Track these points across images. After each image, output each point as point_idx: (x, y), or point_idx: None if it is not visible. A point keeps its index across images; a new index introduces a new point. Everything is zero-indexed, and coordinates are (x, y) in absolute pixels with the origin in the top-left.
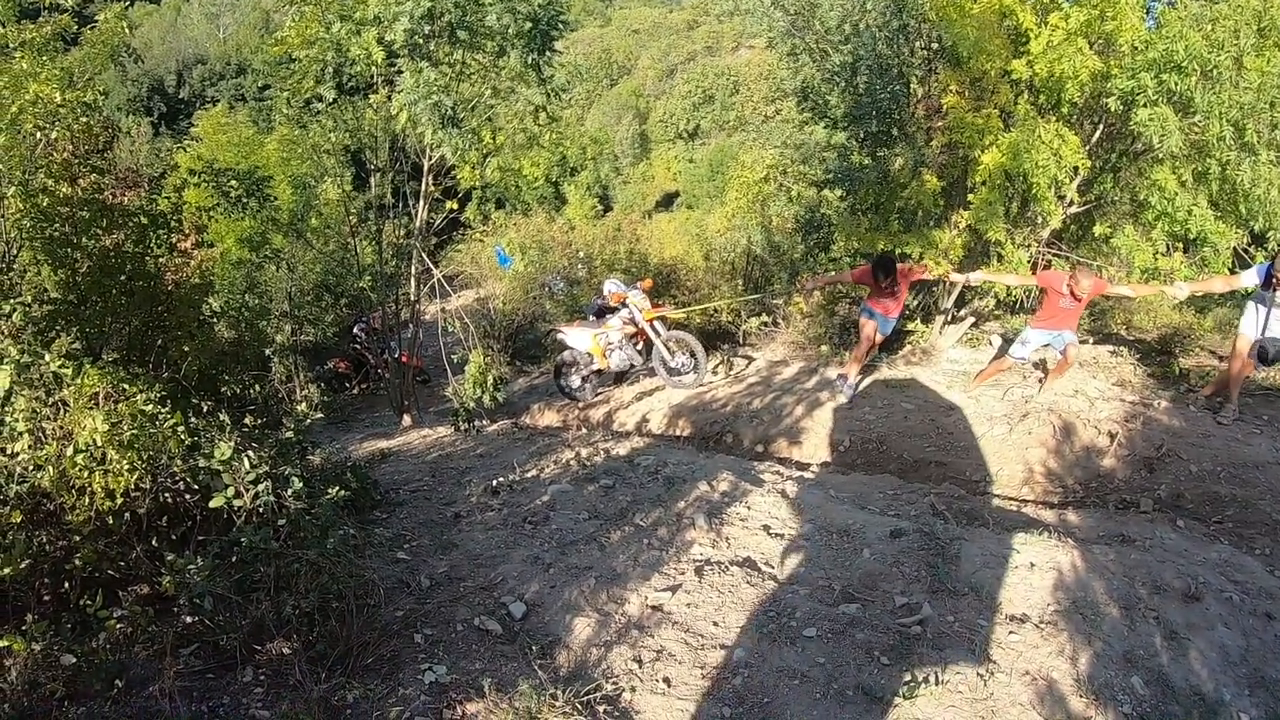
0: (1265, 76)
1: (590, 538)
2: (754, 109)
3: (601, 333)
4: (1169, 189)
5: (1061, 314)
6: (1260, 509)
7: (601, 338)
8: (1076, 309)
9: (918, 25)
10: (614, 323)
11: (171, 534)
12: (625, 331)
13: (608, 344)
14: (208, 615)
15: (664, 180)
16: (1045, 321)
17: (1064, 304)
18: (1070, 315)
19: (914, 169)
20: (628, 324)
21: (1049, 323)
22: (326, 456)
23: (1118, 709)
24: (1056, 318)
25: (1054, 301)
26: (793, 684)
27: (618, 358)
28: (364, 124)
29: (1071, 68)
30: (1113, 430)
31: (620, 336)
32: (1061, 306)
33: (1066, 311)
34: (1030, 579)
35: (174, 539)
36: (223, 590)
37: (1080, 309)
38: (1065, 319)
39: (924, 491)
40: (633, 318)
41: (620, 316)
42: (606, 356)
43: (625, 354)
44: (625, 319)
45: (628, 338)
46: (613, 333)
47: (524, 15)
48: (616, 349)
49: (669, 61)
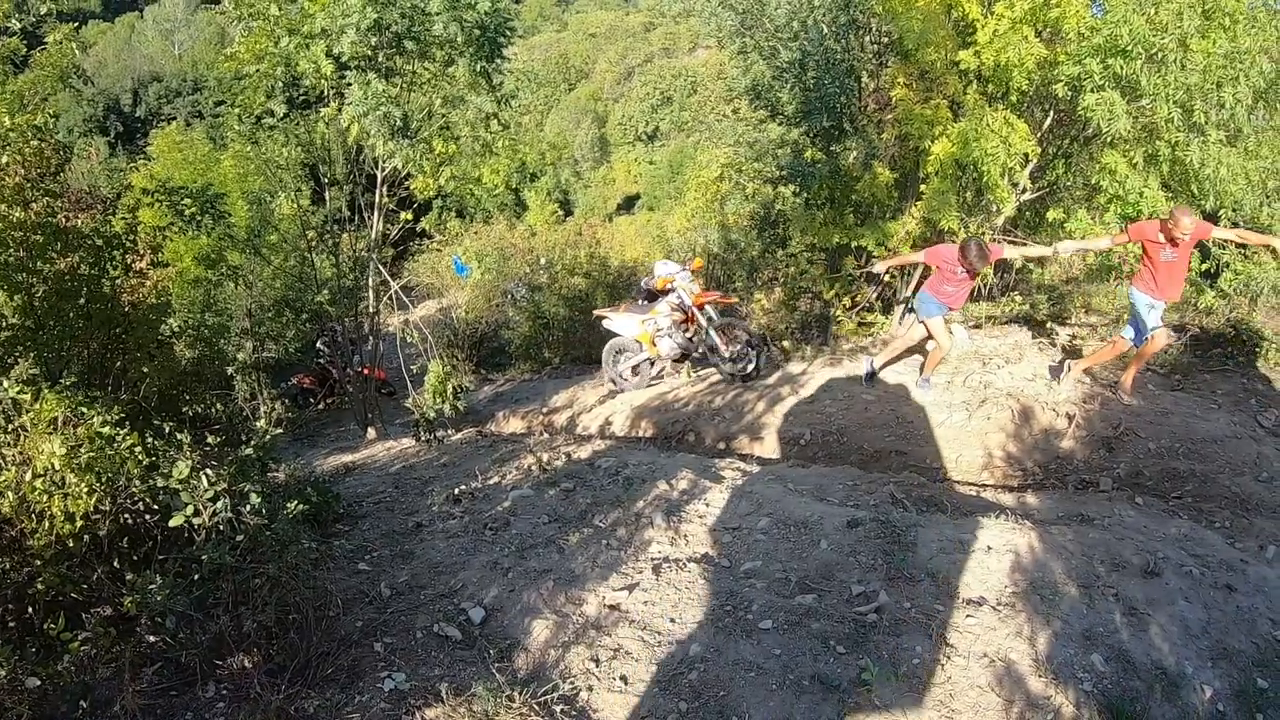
0: (1210, 58)
1: (550, 541)
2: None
3: (649, 319)
4: (1120, 172)
5: (1167, 270)
6: (1219, 483)
7: (649, 324)
8: (1182, 261)
9: (866, 20)
10: (662, 308)
11: (133, 554)
12: (674, 317)
13: (656, 330)
14: (169, 634)
15: (624, 183)
16: (1154, 282)
17: (1166, 256)
18: (1178, 270)
19: (865, 162)
20: (676, 309)
21: (1161, 283)
22: (291, 472)
23: (1078, 687)
24: (1162, 275)
25: (1155, 257)
26: (749, 676)
27: (667, 345)
28: (316, 138)
29: (1018, 56)
30: (1071, 412)
31: (669, 323)
32: (1164, 260)
33: (1172, 266)
34: (987, 562)
35: (135, 559)
36: (183, 608)
37: (1187, 259)
38: (1174, 275)
39: (884, 481)
40: (681, 302)
41: (668, 301)
42: (655, 344)
43: (675, 341)
44: (674, 304)
45: (677, 324)
46: (661, 319)
47: (471, 24)
48: (665, 336)
49: (626, 64)
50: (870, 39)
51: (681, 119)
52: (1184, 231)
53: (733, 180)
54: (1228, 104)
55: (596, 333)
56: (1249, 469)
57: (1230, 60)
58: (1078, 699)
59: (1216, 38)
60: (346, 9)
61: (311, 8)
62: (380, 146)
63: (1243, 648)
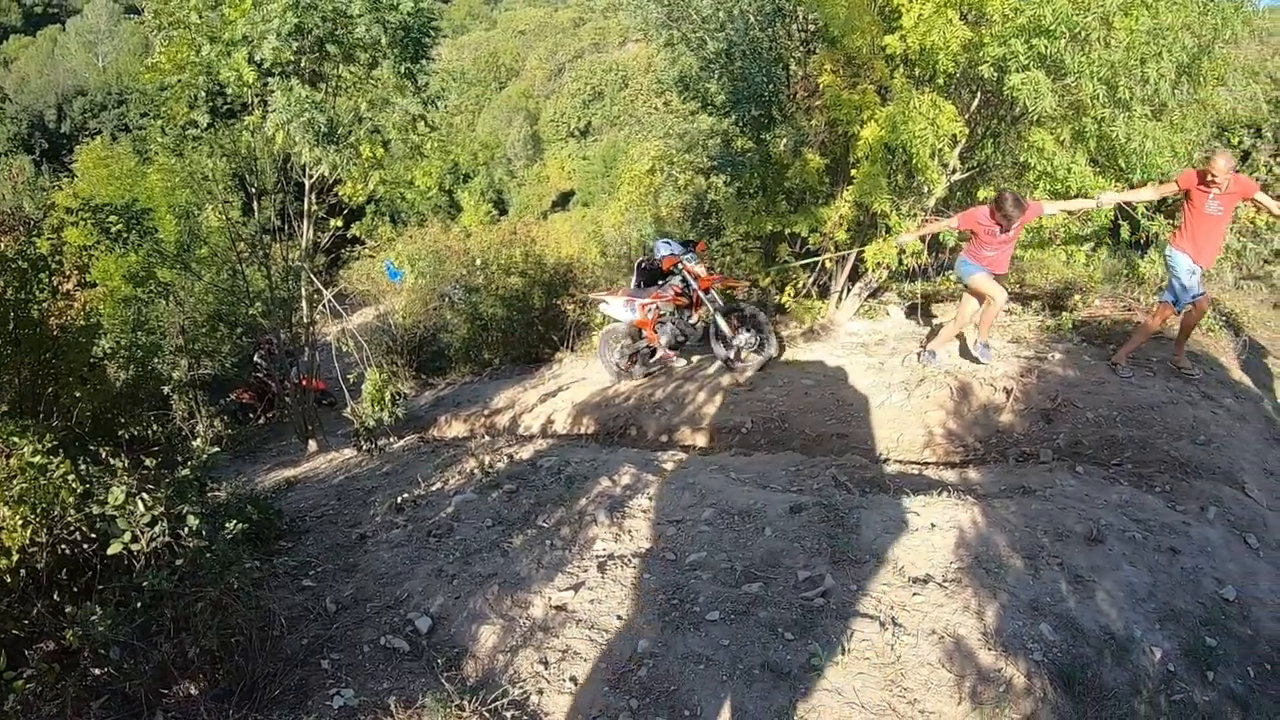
0: (1133, 35)
1: (494, 544)
2: (644, 102)
3: (650, 303)
4: (1048, 149)
5: (1210, 225)
6: (1158, 448)
7: (650, 309)
8: (1226, 217)
9: (793, 8)
10: (665, 291)
11: (73, 586)
12: (678, 302)
13: (657, 316)
14: (114, 665)
15: (559, 180)
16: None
17: (1211, 208)
18: (1220, 227)
19: (795, 149)
20: (680, 294)
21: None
22: (232, 490)
23: (1028, 657)
24: (1204, 230)
25: (1199, 208)
26: (698, 669)
27: (669, 331)
28: (242, 147)
29: (942, 39)
30: (1009, 386)
31: (672, 308)
32: (1208, 213)
33: (1215, 221)
34: (931, 539)
35: (76, 590)
36: (126, 638)
37: (1230, 215)
38: (1215, 231)
39: (826, 465)
40: (686, 286)
41: (671, 284)
42: (656, 330)
43: (677, 328)
44: (677, 287)
45: (680, 309)
46: (663, 303)
47: (394, 25)
48: (668, 321)
49: (557, 60)
50: (797, 27)
51: (613, 114)
52: (1217, 171)
53: (665, 173)
54: (1151, 79)
55: (535, 331)
56: (1187, 433)
57: (1153, 37)
58: (1028, 669)
59: (1139, 15)
60: (267, 14)
61: (232, 14)
62: (306, 153)
63: (1189, 608)
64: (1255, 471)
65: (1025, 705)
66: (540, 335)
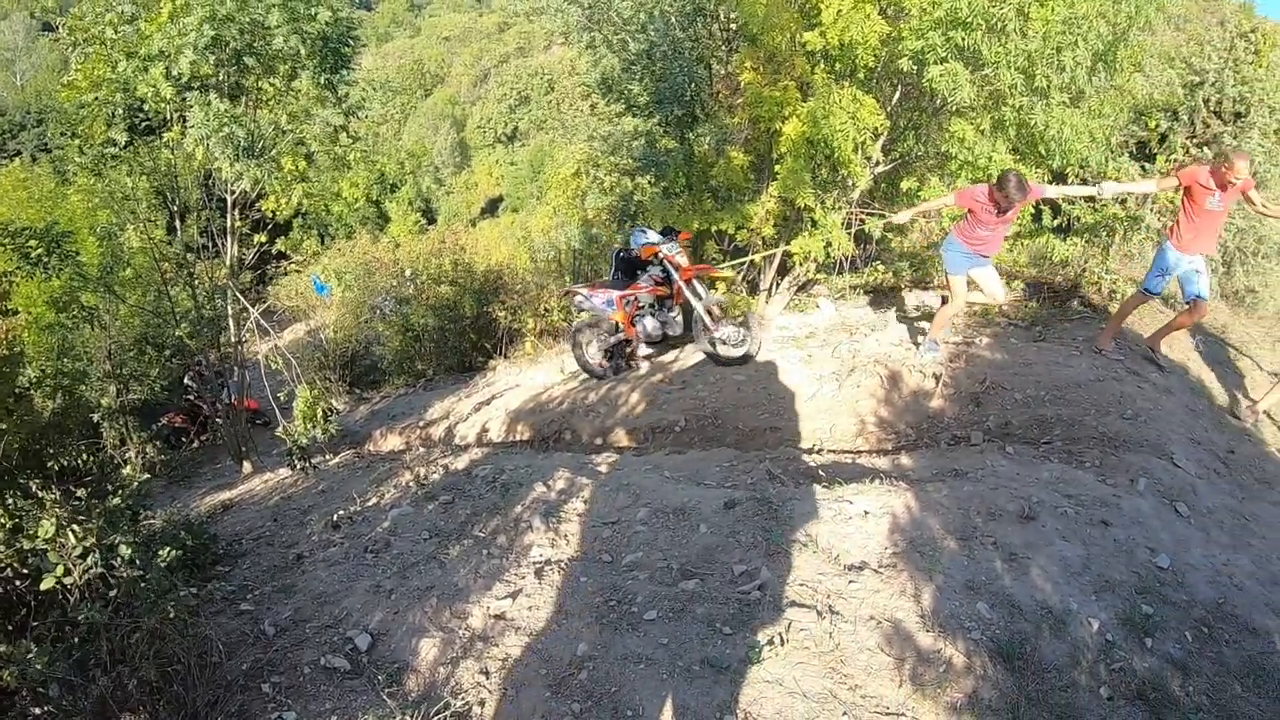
0: (1049, 25)
1: (431, 557)
2: (571, 105)
3: (628, 295)
4: (968, 139)
5: (1209, 220)
6: (1086, 424)
7: (629, 301)
8: (1224, 212)
9: (714, 7)
10: (644, 282)
11: (7, 624)
12: (658, 293)
13: (636, 308)
14: (53, 703)
15: (487, 186)
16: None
17: (1211, 204)
18: (1217, 222)
19: (719, 147)
20: (661, 284)
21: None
22: (167, 517)
23: (967, 636)
24: (1202, 225)
25: (1199, 203)
26: (638, 669)
27: (649, 324)
28: (162, 165)
29: (861, 34)
30: (938, 372)
31: (652, 299)
32: (1208, 208)
33: (1214, 217)
34: (865, 527)
35: (10, 628)
36: (63, 674)
37: (1227, 210)
38: (1213, 226)
39: (759, 459)
40: (667, 275)
41: (651, 274)
42: (634, 323)
43: (658, 320)
44: (658, 277)
45: (661, 300)
46: (642, 294)
47: (313, 35)
48: (647, 314)
49: (482, 66)
50: (719, 26)
51: (540, 118)
52: (1238, 175)
53: (590, 176)
54: (1068, 67)
55: (468, 339)
56: (1114, 408)
57: (1068, 26)
58: (967, 648)
59: (1055, 5)
60: (183, 28)
61: (149, 29)
62: (227, 169)
63: (1124, 578)
64: (1183, 441)
65: (966, 684)
66: (473, 343)
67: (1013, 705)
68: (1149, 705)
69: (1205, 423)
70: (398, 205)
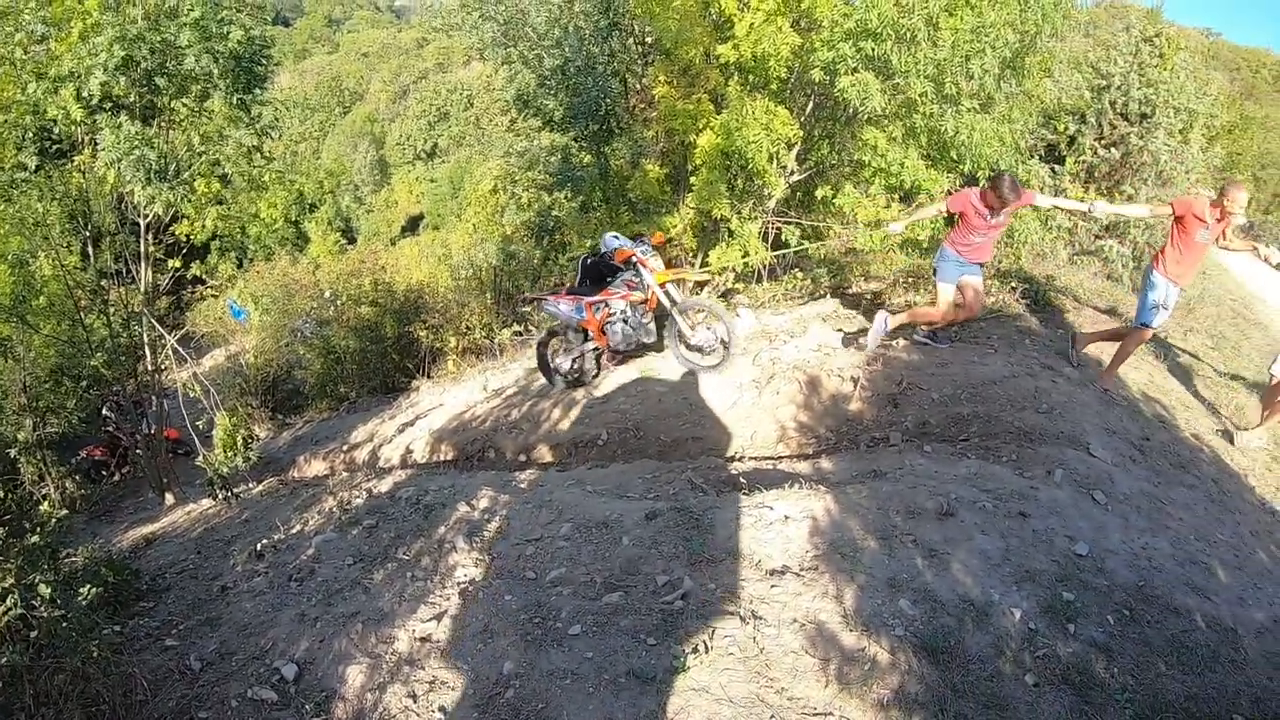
0: (958, 34)
1: (355, 582)
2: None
3: (599, 301)
4: (880, 147)
5: (1197, 251)
6: (1002, 420)
7: (599, 308)
8: (1210, 243)
9: (628, 22)
10: (616, 288)
11: None
12: (631, 299)
13: (607, 315)
14: None
15: (407, 204)
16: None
17: (1202, 236)
18: (1203, 254)
19: (634, 161)
20: (634, 289)
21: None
22: (90, 553)
23: (890, 633)
24: (1190, 256)
25: (1191, 234)
26: (564, 684)
27: (620, 332)
28: (74, 189)
29: (774, 46)
30: (855, 375)
31: (624, 305)
32: (1198, 240)
33: (1202, 248)
34: (786, 531)
35: None
36: None
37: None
38: (1199, 257)
39: (681, 469)
40: (641, 280)
41: (624, 280)
42: (605, 332)
43: (630, 328)
44: (630, 282)
45: (634, 306)
46: (614, 300)
47: (225, 55)
48: (619, 321)
49: (401, 82)
50: (634, 40)
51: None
52: (1239, 205)
53: (508, 192)
54: (976, 75)
55: (390, 360)
56: (1029, 403)
57: (977, 34)
58: (891, 645)
59: (964, 14)
60: (94, 48)
61: (59, 48)
62: (139, 192)
63: (1044, 567)
64: (1098, 431)
65: (892, 680)
66: (395, 364)
67: (939, 698)
68: (1075, 689)
69: (1120, 412)
70: (317, 225)
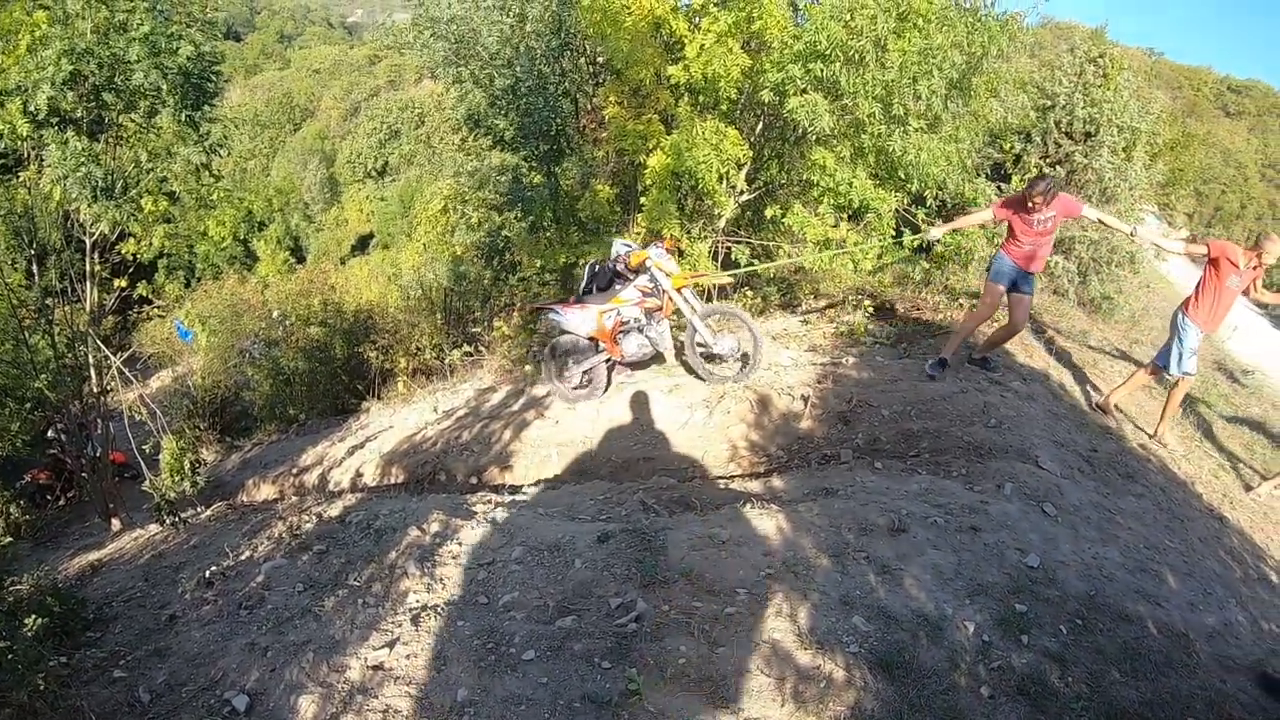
0: (906, 56)
1: (306, 610)
2: (441, 139)
3: (610, 309)
4: (829, 167)
5: (1228, 298)
6: (952, 435)
7: (610, 316)
8: (1238, 293)
9: (580, 42)
10: (628, 294)
11: None
12: (646, 305)
13: (619, 323)
14: None
15: (358, 222)
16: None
17: (1233, 282)
18: (1232, 300)
19: (584, 181)
20: (649, 295)
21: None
22: (35, 582)
23: (845, 650)
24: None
25: (1223, 281)
26: (519, 710)
27: (634, 342)
28: (18, 205)
29: (724, 67)
30: (805, 394)
31: (638, 312)
32: (1229, 286)
33: (1232, 294)
34: (739, 551)
35: None
36: None
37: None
38: (1228, 304)
39: (633, 490)
40: (656, 285)
41: (637, 285)
42: (618, 341)
43: (646, 337)
44: (644, 288)
45: (649, 313)
46: (626, 308)
47: (174, 71)
48: (633, 329)
49: (352, 100)
50: (585, 60)
51: (410, 152)
52: (1273, 257)
53: (458, 212)
54: (924, 95)
55: (340, 382)
56: (978, 418)
57: (924, 56)
58: (847, 662)
59: (911, 36)
60: (41, 62)
61: (5, 62)
62: (85, 209)
63: (996, 580)
64: (1046, 444)
65: (848, 696)
66: (345, 385)
67: (896, 713)
68: (1030, 699)
69: (1067, 425)
70: (266, 244)
